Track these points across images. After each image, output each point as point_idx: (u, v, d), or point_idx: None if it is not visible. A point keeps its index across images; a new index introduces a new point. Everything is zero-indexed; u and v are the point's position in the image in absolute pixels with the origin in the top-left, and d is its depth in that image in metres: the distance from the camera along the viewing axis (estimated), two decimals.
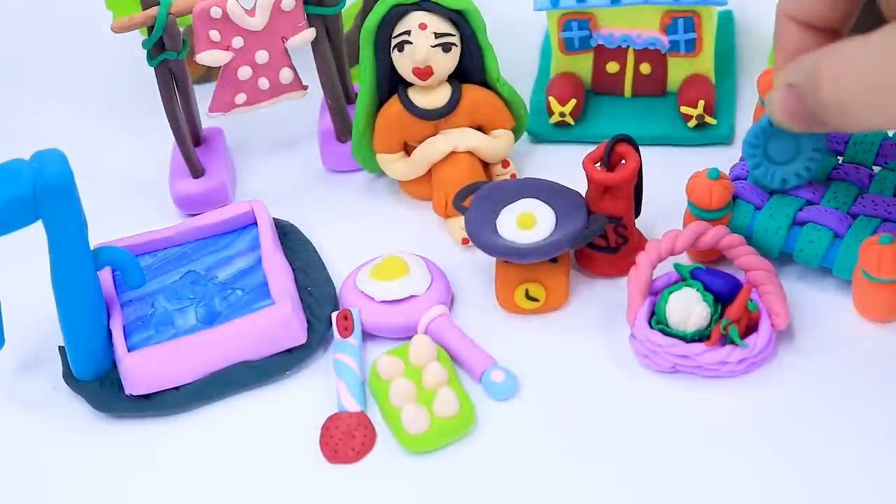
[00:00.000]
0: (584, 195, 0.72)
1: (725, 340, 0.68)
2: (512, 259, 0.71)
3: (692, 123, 0.80)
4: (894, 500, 0.63)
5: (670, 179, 0.75)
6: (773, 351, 0.69)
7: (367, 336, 0.72)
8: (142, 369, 0.69)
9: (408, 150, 0.78)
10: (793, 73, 0.62)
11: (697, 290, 0.68)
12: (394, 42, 0.74)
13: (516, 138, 0.79)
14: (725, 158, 0.77)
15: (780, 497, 0.64)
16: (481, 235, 0.71)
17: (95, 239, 0.69)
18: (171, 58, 0.76)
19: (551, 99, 0.80)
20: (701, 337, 0.68)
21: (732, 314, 0.67)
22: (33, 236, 0.66)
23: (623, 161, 0.71)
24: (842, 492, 0.64)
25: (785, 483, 0.64)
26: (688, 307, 0.68)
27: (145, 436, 0.70)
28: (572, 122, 0.81)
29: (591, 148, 0.72)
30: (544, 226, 0.71)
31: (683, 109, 0.79)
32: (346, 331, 0.71)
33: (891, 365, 0.68)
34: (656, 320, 0.69)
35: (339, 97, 0.80)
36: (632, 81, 0.81)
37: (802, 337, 0.70)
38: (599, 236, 0.72)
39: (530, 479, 0.66)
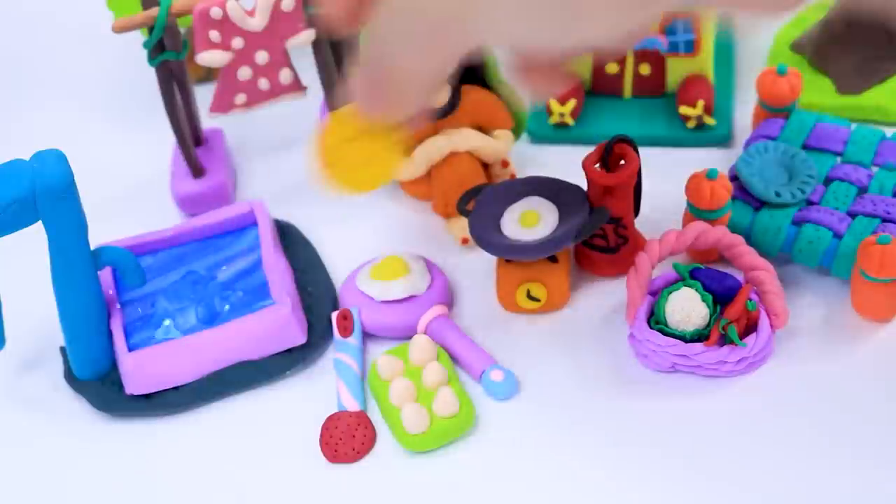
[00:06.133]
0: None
1: (725, 340, 0.68)
2: (517, 257, 0.71)
3: (691, 124, 0.80)
4: (894, 499, 0.63)
5: (670, 179, 0.75)
6: (772, 351, 0.69)
7: (367, 336, 0.72)
8: (142, 369, 0.69)
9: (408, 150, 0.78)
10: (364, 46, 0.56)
11: (697, 290, 0.68)
12: None
13: (516, 138, 0.79)
14: (725, 159, 0.77)
15: (780, 496, 0.64)
16: (485, 237, 0.71)
17: (95, 239, 0.69)
18: (171, 58, 0.76)
19: (551, 99, 0.80)
20: (700, 337, 0.68)
21: (732, 314, 0.67)
22: (33, 236, 0.67)
23: (622, 161, 0.71)
24: (841, 491, 0.64)
25: (784, 482, 0.64)
26: (687, 307, 0.68)
27: (145, 436, 0.70)
28: (572, 123, 0.81)
29: (590, 148, 0.72)
30: (547, 223, 0.71)
31: (683, 110, 0.79)
32: (346, 331, 0.71)
33: (890, 365, 0.68)
34: (656, 320, 0.69)
35: (339, 98, 0.80)
36: (631, 82, 0.82)
37: (802, 337, 0.70)
38: (599, 236, 0.72)
39: (530, 478, 0.66)
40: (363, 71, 0.56)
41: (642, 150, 0.72)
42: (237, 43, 0.76)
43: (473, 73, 0.76)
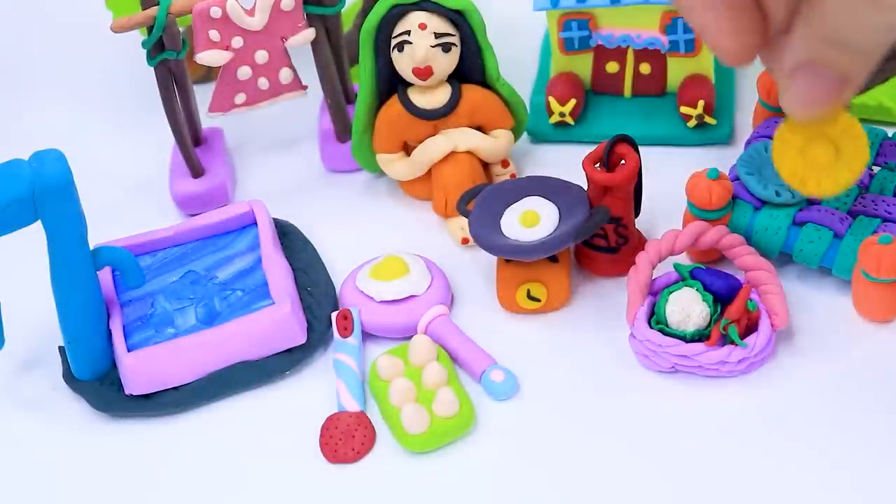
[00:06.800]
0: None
1: (725, 340, 0.68)
2: (518, 258, 0.71)
3: (692, 123, 0.80)
4: (894, 499, 0.63)
5: (670, 179, 0.75)
6: (772, 351, 0.69)
7: (367, 336, 0.72)
8: (142, 369, 0.69)
9: (408, 150, 0.78)
10: (799, 49, 0.52)
11: (697, 290, 0.68)
12: (394, 42, 0.74)
13: (516, 138, 0.79)
14: (725, 158, 0.77)
15: (780, 496, 0.64)
16: (485, 237, 0.71)
17: (95, 239, 0.69)
18: (170, 58, 0.76)
19: (551, 99, 0.80)
20: (701, 337, 0.68)
21: (732, 314, 0.67)
22: (33, 236, 0.66)
23: (623, 161, 0.71)
24: (841, 491, 0.64)
25: (784, 482, 0.64)
26: (687, 307, 0.68)
27: (145, 436, 0.70)
28: (572, 122, 0.81)
29: (591, 148, 0.72)
30: (548, 222, 0.71)
31: (683, 109, 0.79)
32: (346, 331, 0.71)
33: (891, 365, 0.68)
34: (656, 320, 0.69)
35: (338, 97, 0.80)
36: (632, 81, 0.81)
37: (802, 337, 0.70)
38: (599, 236, 0.72)
39: (530, 479, 0.66)
40: (798, 71, 0.53)
41: (642, 150, 0.72)
42: (237, 42, 0.76)
43: (473, 73, 0.76)
